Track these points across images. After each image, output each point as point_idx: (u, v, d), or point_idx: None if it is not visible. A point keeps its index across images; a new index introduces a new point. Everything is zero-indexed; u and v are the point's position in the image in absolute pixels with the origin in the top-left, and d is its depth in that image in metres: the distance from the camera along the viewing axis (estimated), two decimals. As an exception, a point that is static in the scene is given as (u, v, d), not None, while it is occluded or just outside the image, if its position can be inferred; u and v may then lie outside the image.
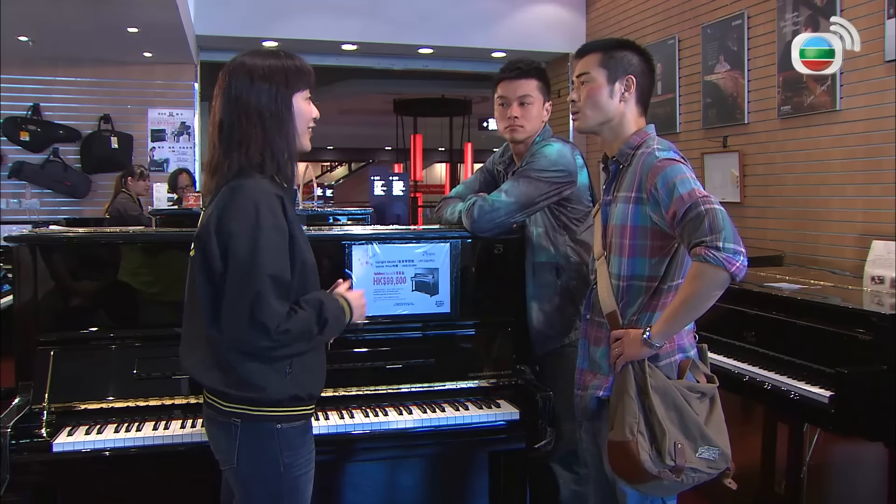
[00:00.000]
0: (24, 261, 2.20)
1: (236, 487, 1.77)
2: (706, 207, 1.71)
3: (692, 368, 1.88)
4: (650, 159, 1.83)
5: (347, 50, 7.14)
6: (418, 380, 2.35)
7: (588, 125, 1.97)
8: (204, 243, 1.68)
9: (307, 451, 1.78)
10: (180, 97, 7.30)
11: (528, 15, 7.12)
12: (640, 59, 1.95)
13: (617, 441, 1.77)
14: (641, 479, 1.76)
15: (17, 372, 2.17)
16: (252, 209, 1.64)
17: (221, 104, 1.73)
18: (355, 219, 4.13)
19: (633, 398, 1.77)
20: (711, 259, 1.67)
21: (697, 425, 1.79)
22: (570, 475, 2.50)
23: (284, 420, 1.72)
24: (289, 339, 1.66)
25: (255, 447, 1.71)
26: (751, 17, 4.69)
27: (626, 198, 1.87)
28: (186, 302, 1.80)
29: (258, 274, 1.62)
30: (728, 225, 1.70)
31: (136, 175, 6.31)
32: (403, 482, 2.61)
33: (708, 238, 1.69)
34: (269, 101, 1.71)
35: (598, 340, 1.95)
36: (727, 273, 1.68)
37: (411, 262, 2.41)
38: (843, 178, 4.00)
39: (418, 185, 12.83)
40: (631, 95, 1.93)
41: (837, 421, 2.32)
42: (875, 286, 2.89)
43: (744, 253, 1.70)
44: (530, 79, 2.50)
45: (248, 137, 1.69)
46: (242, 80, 1.71)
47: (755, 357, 2.71)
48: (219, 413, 1.72)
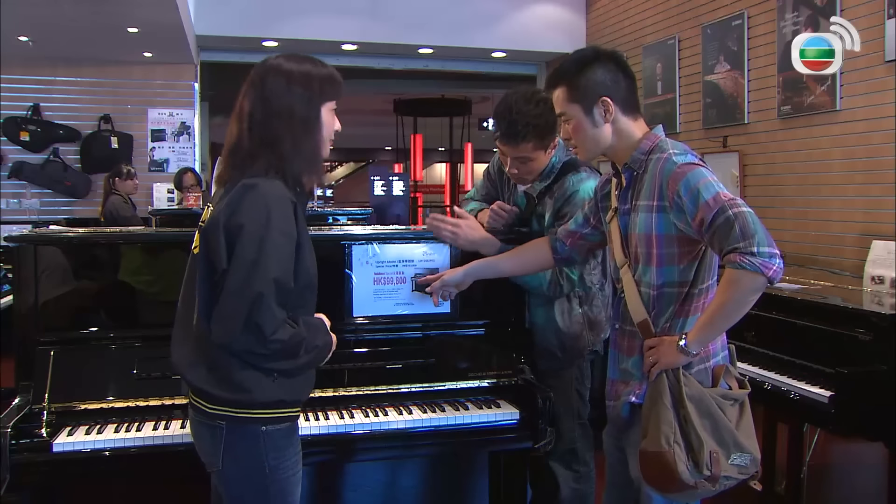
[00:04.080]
0: (25, 261, 2.20)
1: (222, 490, 1.77)
2: (735, 212, 1.67)
3: (725, 374, 1.84)
4: (668, 165, 1.78)
5: (347, 50, 7.14)
6: (418, 380, 2.35)
7: (591, 157, 1.96)
8: (209, 237, 1.67)
9: (293, 452, 1.76)
10: (180, 97, 7.29)
11: (528, 15, 7.12)
12: (607, 70, 1.86)
13: (652, 451, 1.73)
14: (677, 489, 1.73)
15: (17, 372, 2.17)
16: (264, 210, 1.63)
17: (253, 101, 1.71)
18: (355, 219, 4.14)
19: (669, 407, 1.73)
20: (748, 265, 1.63)
21: (731, 433, 1.75)
22: (570, 473, 2.51)
23: (269, 422, 1.70)
24: (279, 349, 1.65)
25: (240, 449, 1.70)
26: (751, 17, 4.69)
27: (648, 206, 1.81)
28: (182, 297, 1.79)
29: (263, 275, 1.60)
30: (759, 227, 1.66)
31: (124, 175, 6.29)
32: (403, 482, 2.61)
33: (741, 244, 1.64)
34: (301, 107, 1.71)
35: (632, 350, 1.90)
36: (765, 277, 1.64)
37: (411, 262, 2.41)
38: (843, 178, 4.00)
39: (418, 185, 12.83)
40: (612, 114, 1.85)
41: (837, 421, 2.32)
42: (875, 286, 2.89)
43: (779, 255, 1.66)
44: (526, 142, 2.33)
45: (279, 139, 1.69)
46: (278, 82, 1.71)
47: (755, 357, 2.71)
48: (203, 415, 1.71)
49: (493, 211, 2.55)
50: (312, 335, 1.73)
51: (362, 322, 2.39)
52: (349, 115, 14.65)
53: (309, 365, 1.76)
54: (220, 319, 1.63)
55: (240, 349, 1.65)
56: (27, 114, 6.93)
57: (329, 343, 1.81)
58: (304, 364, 1.73)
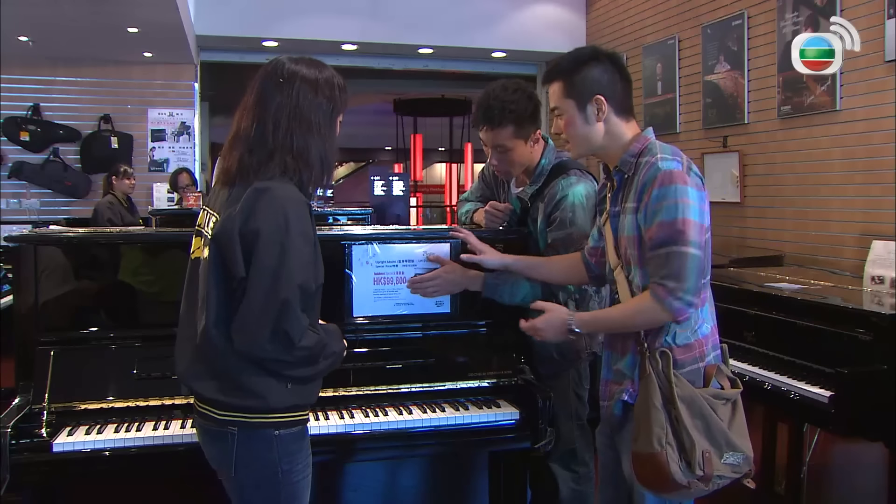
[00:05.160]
0: (25, 261, 2.20)
1: (233, 495, 1.75)
2: (680, 250, 1.73)
3: (717, 374, 1.85)
4: (652, 171, 1.79)
5: (347, 50, 7.14)
6: (418, 380, 2.34)
7: (581, 154, 1.98)
8: (223, 245, 1.63)
9: (304, 455, 1.76)
10: (180, 97, 7.30)
11: (528, 15, 7.13)
12: (604, 70, 1.88)
13: (644, 453, 1.74)
14: (670, 489, 1.74)
15: (17, 372, 2.16)
16: (281, 214, 1.60)
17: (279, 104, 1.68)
18: (355, 219, 4.14)
19: (660, 409, 1.74)
20: (667, 305, 1.74)
21: (723, 432, 1.77)
22: (569, 474, 2.50)
23: (282, 426, 1.69)
24: (305, 356, 1.65)
25: (252, 455, 1.68)
26: (751, 17, 4.69)
27: (634, 208, 1.83)
28: (185, 304, 1.77)
29: (287, 281, 1.58)
30: (694, 275, 1.73)
31: (120, 174, 6.30)
32: (403, 482, 2.61)
33: (672, 284, 1.73)
34: (325, 116, 1.72)
35: (625, 350, 1.91)
36: (671, 319, 1.76)
37: (411, 262, 2.41)
38: (843, 178, 4.00)
39: (418, 185, 12.83)
40: (605, 113, 1.87)
41: (837, 421, 2.32)
42: (875, 286, 2.89)
43: (696, 304, 1.76)
44: (502, 128, 2.32)
45: (304, 146, 1.68)
46: (305, 89, 1.70)
47: (755, 357, 2.70)
48: (213, 422, 1.69)
49: (487, 212, 2.55)
50: (331, 341, 1.74)
51: (362, 322, 2.38)
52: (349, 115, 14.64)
53: (324, 371, 1.75)
54: (244, 329, 1.60)
55: (265, 357, 1.62)
56: (27, 114, 6.94)
57: (343, 349, 1.81)
58: (321, 370, 1.73)
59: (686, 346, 1.82)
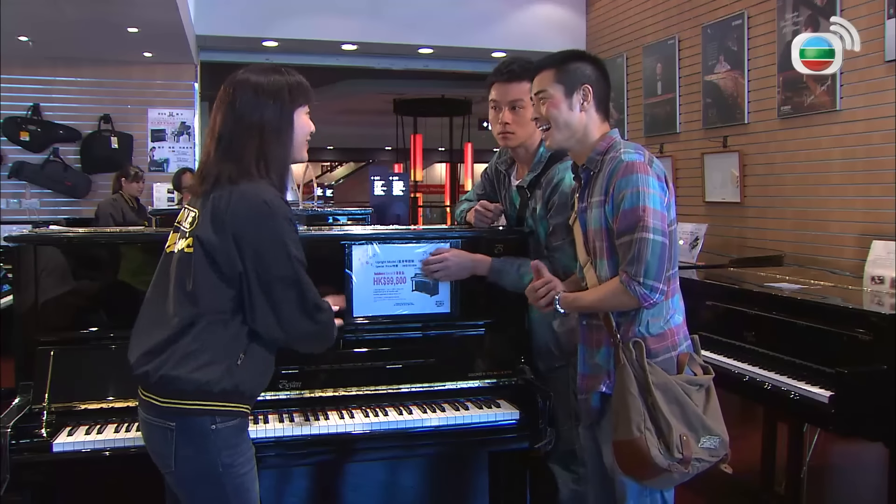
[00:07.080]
0: (25, 261, 2.20)
1: (179, 491, 1.79)
2: (640, 236, 1.81)
3: (690, 362, 1.92)
4: (617, 164, 1.88)
5: (347, 50, 7.14)
6: (418, 380, 2.35)
7: (558, 143, 2.02)
8: (212, 246, 1.72)
9: (246, 448, 1.79)
10: (180, 97, 7.30)
11: (528, 15, 7.12)
12: (594, 68, 2.00)
13: (625, 440, 1.80)
14: (651, 474, 1.80)
15: (17, 372, 2.17)
16: (262, 204, 1.72)
17: (224, 117, 1.79)
18: (355, 219, 4.13)
19: (636, 396, 1.80)
20: (631, 291, 1.82)
21: (698, 417, 1.83)
22: (569, 475, 2.50)
23: (219, 415, 1.71)
24: (327, 319, 1.82)
25: (192, 449, 1.72)
26: (751, 17, 4.69)
27: (600, 202, 1.92)
28: (153, 294, 1.82)
29: (290, 261, 1.72)
30: (655, 260, 1.80)
31: (130, 177, 6.30)
32: (403, 482, 2.61)
33: (631, 269, 1.81)
34: (271, 117, 1.79)
35: (599, 343, 1.98)
36: (637, 304, 1.84)
37: (411, 262, 2.41)
38: (843, 178, 4.00)
39: (418, 185, 12.83)
40: (590, 104, 1.97)
41: (837, 421, 2.32)
42: (875, 286, 2.89)
43: (661, 290, 1.82)
44: (522, 82, 2.37)
45: (244, 148, 1.76)
46: (247, 95, 1.78)
47: (755, 357, 2.71)
48: (155, 412, 1.72)
49: (476, 211, 2.56)
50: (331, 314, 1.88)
51: (362, 322, 2.38)
52: (349, 115, 14.69)
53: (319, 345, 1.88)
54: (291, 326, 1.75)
55: (303, 333, 1.78)
56: (27, 114, 6.94)
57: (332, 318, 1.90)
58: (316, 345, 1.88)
59: (659, 335, 1.90)
